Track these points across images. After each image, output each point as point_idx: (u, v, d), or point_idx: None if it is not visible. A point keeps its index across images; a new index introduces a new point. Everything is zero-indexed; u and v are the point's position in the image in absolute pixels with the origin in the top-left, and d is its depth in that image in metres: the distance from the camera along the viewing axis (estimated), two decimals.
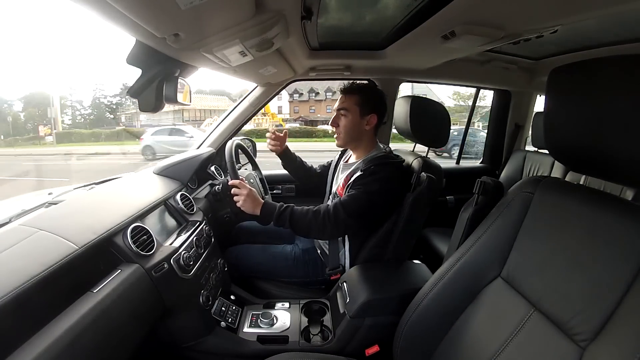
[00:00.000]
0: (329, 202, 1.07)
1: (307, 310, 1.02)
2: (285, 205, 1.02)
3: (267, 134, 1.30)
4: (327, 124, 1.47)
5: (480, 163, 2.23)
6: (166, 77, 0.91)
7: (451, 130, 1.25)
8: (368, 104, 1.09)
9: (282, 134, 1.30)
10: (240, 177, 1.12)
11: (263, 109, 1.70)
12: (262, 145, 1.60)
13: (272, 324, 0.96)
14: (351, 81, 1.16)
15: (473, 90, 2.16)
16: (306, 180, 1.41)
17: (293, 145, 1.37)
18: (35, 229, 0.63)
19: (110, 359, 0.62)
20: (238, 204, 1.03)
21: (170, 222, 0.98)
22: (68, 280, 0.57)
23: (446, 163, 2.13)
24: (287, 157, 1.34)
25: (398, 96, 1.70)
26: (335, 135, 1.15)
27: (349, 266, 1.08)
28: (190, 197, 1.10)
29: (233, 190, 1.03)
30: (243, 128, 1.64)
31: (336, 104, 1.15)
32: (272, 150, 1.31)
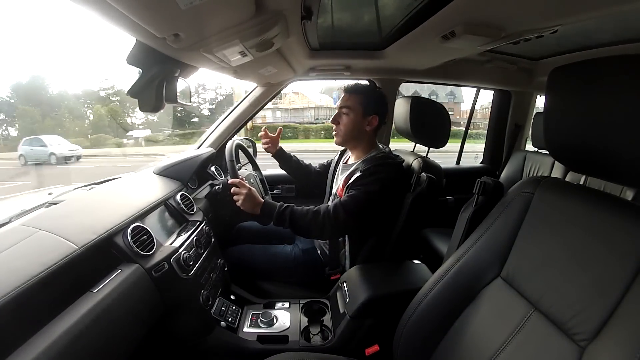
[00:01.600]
0: (329, 203, 1.07)
1: (307, 310, 1.02)
2: (285, 205, 1.02)
3: (260, 134, 1.33)
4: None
5: (481, 163, 2.23)
6: (166, 77, 0.91)
7: None
8: (371, 105, 1.09)
9: (275, 134, 1.33)
10: (240, 176, 1.12)
11: None
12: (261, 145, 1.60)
13: (272, 324, 0.96)
14: (355, 81, 1.16)
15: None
16: (305, 180, 1.41)
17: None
18: (35, 229, 0.63)
19: (110, 359, 0.62)
20: (238, 203, 1.02)
21: (170, 222, 0.98)
22: (68, 280, 0.57)
23: (446, 163, 2.12)
24: (281, 157, 1.36)
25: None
26: (334, 133, 1.15)
27: (349, 266, 1.08)
28: (190, 197, 1.10)
29: (233, 190, 1.03)
30: None
31: (338, 102, 1.15)
32: (265, 150, 1.34)
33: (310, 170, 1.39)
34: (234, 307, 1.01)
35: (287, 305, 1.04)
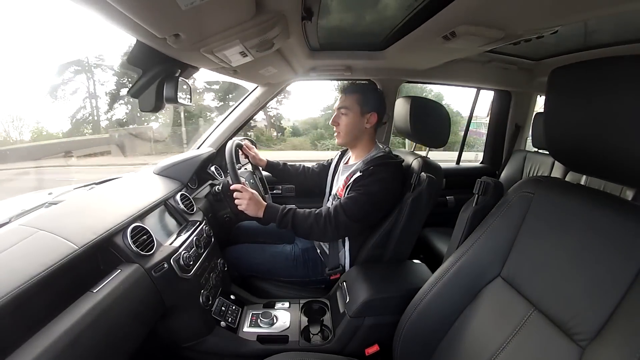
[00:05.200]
0: (330, 204, 1.07)
1: (307, 310, 1.02)
2: (288, 208, 1.03)
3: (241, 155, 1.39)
4: None
5: (481, 163, 2.23)
6: (166, 77, 0.91)
7: None
8: (368, 103, 1.10)
9: (250, 148, 1.39)
10: (241, 177, 1.12)
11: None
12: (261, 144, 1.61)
13: (272, 324, 0.96)
14: (350, 81, 1.16)
15: None
16: (304, 181, 1.43)
17: None
18: (35, 229, 0.63)
19: (110, 359, 0.62)
20: (241, 208, 1.03)
21: (170, 222, 0.98)
22: (68, 280, 0.57)
23: (446, 163, 2.12)
24: (272, 168, 1.41)
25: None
26: (335, 134, 1.15)
27: (349, 266, 1.08)
28: (190, 197, 1.10)
29: (235, 194, 1.04)
30: None
31: (336, 103, 1.15)
32: (254, 164, 1.42)
33: (305, 175, 1.42)
34: (233, 307, 1.01)
35: (287, 305, 1.04)
